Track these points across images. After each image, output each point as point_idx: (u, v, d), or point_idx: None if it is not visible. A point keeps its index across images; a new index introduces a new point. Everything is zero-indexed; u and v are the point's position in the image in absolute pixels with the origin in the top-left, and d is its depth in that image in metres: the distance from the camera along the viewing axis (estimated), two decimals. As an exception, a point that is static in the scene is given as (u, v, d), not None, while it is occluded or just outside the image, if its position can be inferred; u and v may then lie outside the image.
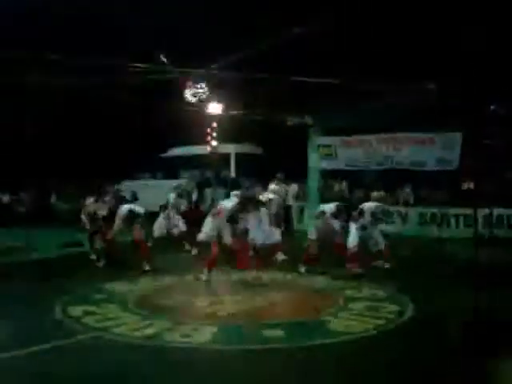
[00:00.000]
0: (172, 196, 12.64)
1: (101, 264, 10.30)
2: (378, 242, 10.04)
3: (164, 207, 12.54)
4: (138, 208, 10.54)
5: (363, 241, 9.98)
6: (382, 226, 13.70)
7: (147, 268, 9.62)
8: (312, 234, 9.68)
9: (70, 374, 4.79)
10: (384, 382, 4.69)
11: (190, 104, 16.01)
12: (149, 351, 5.36)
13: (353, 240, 9.76)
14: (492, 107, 13.56)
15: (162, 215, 12.43)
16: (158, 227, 12.33)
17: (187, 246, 12.10)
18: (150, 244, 12.18)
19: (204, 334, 5.79)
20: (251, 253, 10.08)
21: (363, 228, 9.98)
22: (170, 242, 12.29)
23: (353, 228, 9.86)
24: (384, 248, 10.05)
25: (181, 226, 12.38)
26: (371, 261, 9.93)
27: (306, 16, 12.09)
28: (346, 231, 9.80)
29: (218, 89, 16.21)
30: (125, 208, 10.41)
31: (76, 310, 6.77)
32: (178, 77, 14.85)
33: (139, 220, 10.26)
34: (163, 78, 14.42)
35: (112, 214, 10.66)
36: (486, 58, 13.50)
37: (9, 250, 12.25)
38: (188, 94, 15.61)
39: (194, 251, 11.62)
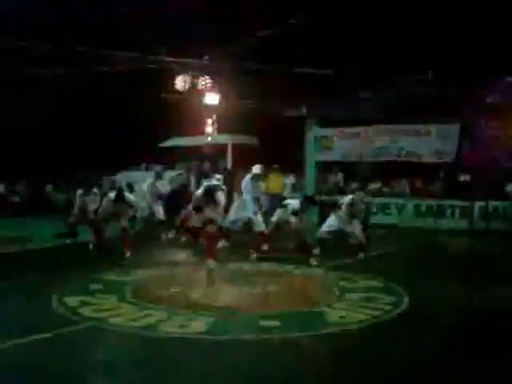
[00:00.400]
0: (147, 184, 12.64)
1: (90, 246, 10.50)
2: (356, 236, 10.21)
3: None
4: (130, 195, 10.58)
5: (341, 233, 10.26)
6: (379, 217, 13.83)
7: (128, 255, 9.86)
8: (273, 217, 10.16)
9: (66, 364, 4.79)
10: (380, 373, 4.71)
11: (186, 94, 16.00)
12: (145, 341, 5.38)
13: (326, 226, 10.41)
14: (489, 99, 13.57)
15: (143, 201, 12.52)
16: (141, 210, 12.46)
17: (165, 236, 12.17)
18: (137, 228, 12.28)
19: (200, 325, 5.81)
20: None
21: (341, 220, 10.16)
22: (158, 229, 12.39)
23: (332, 216, 10.15)
24: (363, 241, 10.18)
25: (160, 214, 12.42)
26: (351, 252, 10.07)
27: (305, 5, 12.06)
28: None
29: (215, 79, 16.18)
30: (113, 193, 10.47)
31: (72, 301, 6.75)
32: (174, 66, 14.83)
33: (128, 209, 10.32)
34: (158, 67, 14.39)
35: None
36: (485, 48, 13.50)
37: (5, 240, 12.22)
38: (178, 83, 15.57)
39: (171, 235, 12.04)
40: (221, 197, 8.94)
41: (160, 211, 12.43)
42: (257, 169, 10.76)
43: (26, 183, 19.94)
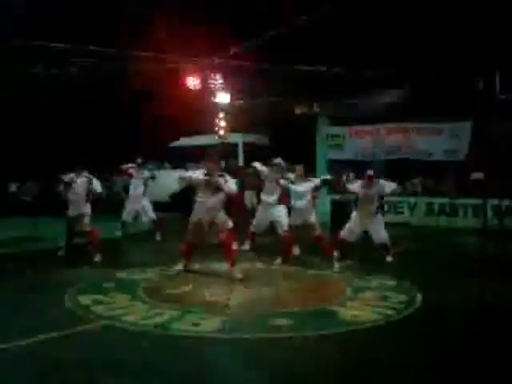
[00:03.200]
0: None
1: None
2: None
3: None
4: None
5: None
6: (391, 216, 13.70)
7: (96, 259, 9.57)
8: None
9: (79, 362, 4.81)
10: (394, 372, 4.69)
11: (197, 92, 16.00)
12: (158, 340, 5.38)
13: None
14: (502, 96, 13.46)
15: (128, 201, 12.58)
16: (127, 212, 12.47)
17: (158, 237, 12.19)
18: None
19: (213, 323, 5.81)
20: None
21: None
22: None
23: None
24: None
25: (150, 214, 12.45)
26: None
27: (315, 2, 12.01)
28: None
29: (226, 78, 16.18)
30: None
31: (85, 299, 6.78)
32: (186, 65, 14.85)
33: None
34: (168, 66, 14.42)
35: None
36: (497, 46, 13.38)
37: (17, 239, 12.31)
38: (190, 82, 15.60)
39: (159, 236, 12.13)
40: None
41: (151, 211, 12.55)
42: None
43: (38, 182, 20.02)
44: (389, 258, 9.33)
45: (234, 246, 8.59)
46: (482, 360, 4.89)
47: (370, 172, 9.42)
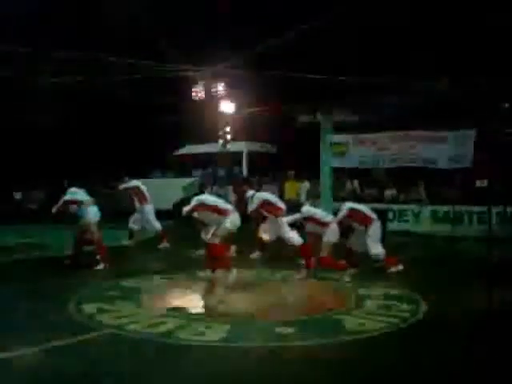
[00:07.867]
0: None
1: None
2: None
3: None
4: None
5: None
6: (395, 224, 13.67)
7: (100, 267, 9.67)
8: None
9: (83, 371, 4.80)
10: (398, 381, 4.68)
11: (201, 102, 16.06)
12: (162, 348, 5.38)
13: None
14: (506, 105, 13.45)
15: (137, 210, 12.58)
16: (133, 222, 12.47)
17: (162, 245, 12.17)
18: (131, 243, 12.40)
19: (217, 332, 5.80)
20: None
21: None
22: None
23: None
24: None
25: (155, 224, 12.45)
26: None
27: (319, 12, 12.06)
28: None
29: (230, 87, 16.23)
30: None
31: (90, 307, 6.79)
32: (190, 74, 14.92)
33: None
34: (173, 75, 14.49)
35: None
36: (500, 54, 13.41)
37: (22, 247, 12.35)
38: (195, 92, 15.66)
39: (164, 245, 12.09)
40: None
41: (155, 221, 12.55)
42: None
43: (44, 190, 20.10)
44: (392, 269, 9.27)
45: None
46: (487, 368, 4.87)
47: None
